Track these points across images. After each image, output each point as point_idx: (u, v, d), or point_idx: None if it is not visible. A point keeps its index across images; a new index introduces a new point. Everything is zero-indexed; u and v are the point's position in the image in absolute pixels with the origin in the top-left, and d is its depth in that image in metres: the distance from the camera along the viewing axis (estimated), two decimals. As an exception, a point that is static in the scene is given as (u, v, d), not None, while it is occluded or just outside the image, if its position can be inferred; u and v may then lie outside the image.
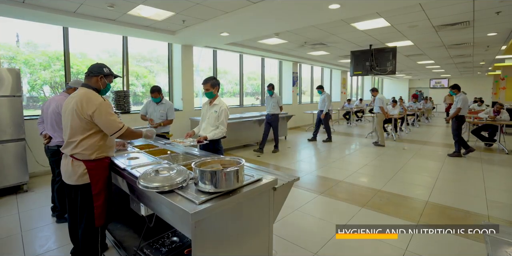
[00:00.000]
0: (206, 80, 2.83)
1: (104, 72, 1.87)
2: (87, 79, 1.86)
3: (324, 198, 3.45)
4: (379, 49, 6.87)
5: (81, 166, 1.77)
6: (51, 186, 2.91)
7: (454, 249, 2.29)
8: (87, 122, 1.73)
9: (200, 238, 1.31)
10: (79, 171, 1.77)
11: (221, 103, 2.89)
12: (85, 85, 1.83)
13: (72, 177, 1.79)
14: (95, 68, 1.86)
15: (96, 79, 1.84)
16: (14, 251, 2.31)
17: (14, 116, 3.56)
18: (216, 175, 1.40)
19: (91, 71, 1.85)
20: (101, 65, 1.89)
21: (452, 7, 4.21)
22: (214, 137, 2.79)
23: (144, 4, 3.86)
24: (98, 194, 1.80)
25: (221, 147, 3.00)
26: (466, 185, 3.94)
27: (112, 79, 1.96)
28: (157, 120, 3.85)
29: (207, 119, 2.94)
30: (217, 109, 2.85)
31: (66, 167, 1.81)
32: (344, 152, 6.26)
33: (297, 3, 3.66)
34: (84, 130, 1.74)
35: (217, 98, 2.92)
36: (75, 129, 1.75)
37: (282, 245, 2.36)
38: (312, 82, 12.05)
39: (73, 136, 1.76)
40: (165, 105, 3.88)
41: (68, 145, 1.79)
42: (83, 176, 1.77)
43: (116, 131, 1.77)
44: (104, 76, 1.87)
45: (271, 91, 6.01)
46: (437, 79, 19.41)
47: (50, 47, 5.07)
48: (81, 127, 1.74)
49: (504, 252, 1.07)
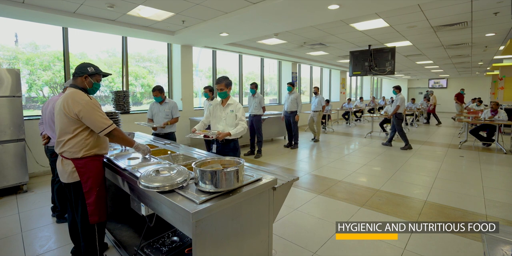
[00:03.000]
0: (220, 80, 2.79)
1: (88, 72, 1.86)
2: (73, 79, 1.88)
3: (323, 197, 3.46)
4: (378, 49, 6.90)
5: (69, 164, 1.80)
6: (51, 186, 2.92)
7: (452, 248, 2.31)
8: (74, 121, 1.75)
9: (201, 237, 1.32)
10: (69, 169, 1.79)
11: (235, 102, 2.87)
12: (72, 85, 1.85)
13: (63, 175, 1.83)
14: (79, 68, 1.86)
15: (81, 79, 1.85)
16: (14, 251, 2.32)
17: (14, 116, 3.56)
18: (216, 175, 1.41)
19: (76, 72, 1.86)
20: (86, 64, 1.89)
21: (451, 7, 4.24)
22: (237, 133, 2.73)
23: (144, 5, 3.87)
24: (89, 191, 1.82)
25: (239, 148, 2.95)
26: (465, 185, 3.97)
27: (99, 78, 1.94)
28: (163, 120, 3.85)
29: (223, 120, 2.86)
30: (233, 108, 2.82)
31: (58, 166, 1.86)
32: (343, 152, 6.28)
33: (296, 3, 3.67)
34: (71, 129, 1.76)
35: (230, 98, 2.89)
36: (63, 129, 1.78)
37: (281, 245, 2.37)
38: (312, 82, 12.07)
39: (62, 135, 1.79)
40: (169, 104, 3.89)
41: (57, 144, 1.83)
42: (72, 174, 1.79)
43: (104, 128, 1.78)
44: (89, 76, 1.86)
45: (253, 90, 5.65)
46: (436, 79, 19.46)
47: (50, 47, 5.07)
48: (68, 126, 1.76)
49: (500, 251, 1.08)
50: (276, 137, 7.67)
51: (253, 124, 5.67)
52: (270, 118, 7.01)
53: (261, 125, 5.76)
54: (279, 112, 7.62)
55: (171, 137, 3.90)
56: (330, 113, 9.69)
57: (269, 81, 10.32)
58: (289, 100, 6.41)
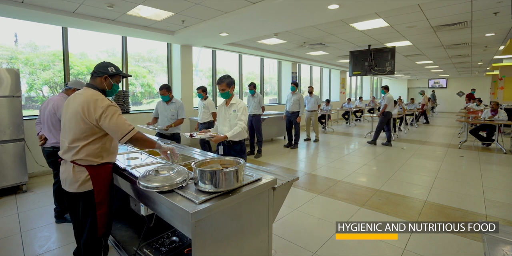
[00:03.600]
0: (221, 80, 2.67)
1: (109, 72, 1.72)
2: (92, 79, 1.73)
3: (323, 197, 3.46)
4: (378, 49, 6.89)
5: (83, 172, 1.62)
6: (52, 188, 2.90)
7: (452, 248, 2.31)
8: (91, 127, 1.60)
9: (200, 237, 1.32)
10: (82, 178, 1.62)
11: (238, 101, 2.74)
12: (90, 85, 1.70)
13: (73, 184, 1.64)
14: (100, 67, 1.73)
15: (100, 79, 1.71)
16: (13, 252, 2.31)
17: (13, 116, 3.56)
18: (216, 175, 1.41)
19: (95, 71, 1.72)
20: (106, 64, 1.75)
21: (451, 7, 4.23)
22: (234, 134, 2.63)
23: (143, 4, 3.87)
24: (101, 202, 1.67)
25: (245, 150, 2.83)
26: (465, 185, 3.96)
27: (119, 79, 1.81)
28: (169, 120, 3.75)
29: (227, 121, 2.76)
30: (236, 108, 2.71)
31: (67, 174, 1.65)
32: (343, 152, 6.28)
33: (296, 3, 3.67)
34: (87, 135, 1.61)
35: (234, 97, 2.77)
36: (78, 134, 1.60)
37: (281, 245, 2.37)
38: (311, 82, 12.06)
39: (75, 141, 1.61)
40: (175, 104, 3.78)
41: (69, 151, 1.63)
42: (85, 183, 1.63)
43: (125, 135, 1.61)
44: (109, 76, 1.73)
45: (252, 91, 5.66)
46: (435, 79, 19.46)
47: (50, 47, 5.06)
48: (85, 132, 1.60)
49: (501, 251, 1.08)
50: (276, 137, 7.67)
51: (252, 124, 5.66)
52: (270, 118, 7.00)
53: (260, 125, 5.76)
54: (279, 112, 7.62)
55: (176, 137, 3.82)
56: (330, 113, 9.68)
57: (269, 81, 10.31)
58: (291, 100, 6.41)
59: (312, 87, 7.46)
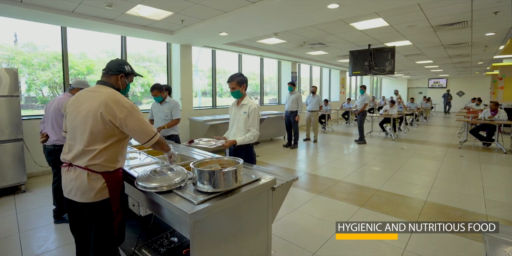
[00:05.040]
0: (232, 78, 2.47)
1: (126, 71, 1.63)
2: (105, 77, 1.61)
3: (322, 198, 3.45)
4: (378, 49, 6.88)
5: (99, 179, 1.45)
6: (52, 186, 2.89)
7: (452, 248, 2.30)
8: (111, 128, 1.45)
9: (199, 238, 1.31)
10: (98, 186, 1.44)
11: (249, 102, 2.49)
12: (104, 83, 1.58)
13: (87, 193, 1.44)
14: (116, 65, 1.62)
15: (116, 78, 1.61)
16: (11, 252, 2.30)
17: (12, 116, 3.55)
18: (215, 175, 1.40)
19: (110, 69, 1.61)
20: (122, 62, 1.66)
21: (451, 7, 4.23)
22: (245, 141, 2.40)
23: (142, 4, 3.85)
24: (118, 210, 1.53)
25: (254, 155, 2.59)
26: (465, 185, 3.95)
27: (132, 78, 1.73)
28: (162, 121, 3.52)
29: (236, 123, 2.54)
30: (246, 109, 2.47)
31: (79, 183, 1.44)
32: (343, 152, 6.27)
33: (296, 2, 3.66)
34: (106, 136, 1.45)
35: (245, 97, 2.54)
36: (96, 135, 1.43)
37: (281, 245, 2.36)
38: (311, 82, 12.05)
39: (93, 143, 1.43)
40: (169, 104, 3.55)
41: (83, 155, 1.44)
42: (102, 191, 1.45)
43: (152, 137, 1.53)
44: (124, 75, 1.64)
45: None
46: (435, 79, 19.46)
47: (49, 47, 5.05)
48: (104, 133, 1.44)
49: (502, 252, 1.07)
50: (275, 137, 7.66)
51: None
52: (269, 118, 7.00)
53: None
54: (278, 112, 7.61)
55: (173, 140, 3.53)
56: (329, 112, 9.67)
57: (269, 81, 10.30)
58: (290, 100, 6.47)
59: (315, 87, 7.44)
